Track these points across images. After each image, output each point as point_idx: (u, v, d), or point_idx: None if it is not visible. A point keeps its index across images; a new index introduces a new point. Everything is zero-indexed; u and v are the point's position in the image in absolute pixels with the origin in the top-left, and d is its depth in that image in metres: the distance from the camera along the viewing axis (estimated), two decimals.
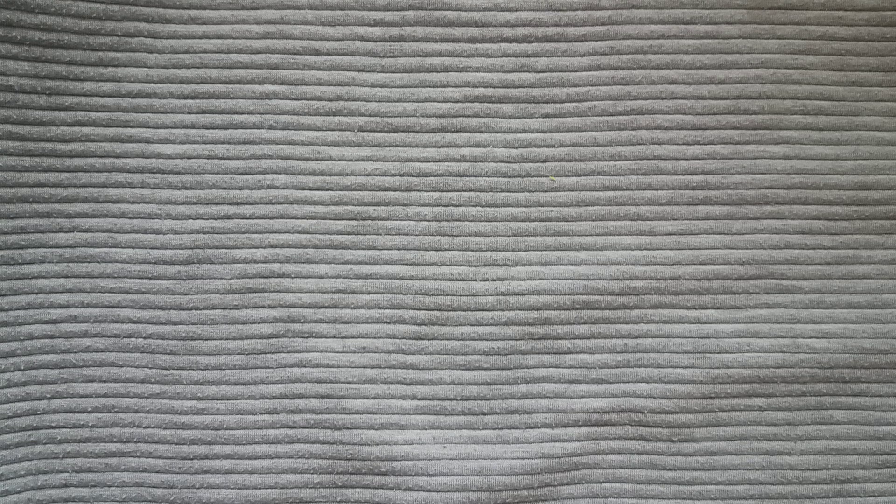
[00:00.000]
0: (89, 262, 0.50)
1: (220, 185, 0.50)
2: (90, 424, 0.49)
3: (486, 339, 0.50)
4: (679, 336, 0.50)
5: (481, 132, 0.50)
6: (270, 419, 0.50)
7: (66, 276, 0.50)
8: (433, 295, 0.50)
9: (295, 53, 0.50)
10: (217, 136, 0.50)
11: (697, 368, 0.50)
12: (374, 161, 0.50)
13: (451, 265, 0.51)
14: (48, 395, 0.49)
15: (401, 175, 0.50)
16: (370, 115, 0.50)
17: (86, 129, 0.50)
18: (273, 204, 0.50)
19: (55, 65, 0.49)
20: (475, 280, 0.50)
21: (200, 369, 0.50)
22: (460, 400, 0.50)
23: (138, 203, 0.50)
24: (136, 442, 0.50)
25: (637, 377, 0.50)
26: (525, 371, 0.50)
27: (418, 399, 0.50)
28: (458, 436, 0.50)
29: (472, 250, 0.51)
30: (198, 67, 0.50)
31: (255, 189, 0.50)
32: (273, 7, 0.50)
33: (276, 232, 0.50)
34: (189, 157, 0.50)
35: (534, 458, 0.50)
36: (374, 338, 0.50)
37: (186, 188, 0.50)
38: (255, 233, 0.50)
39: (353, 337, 0.50)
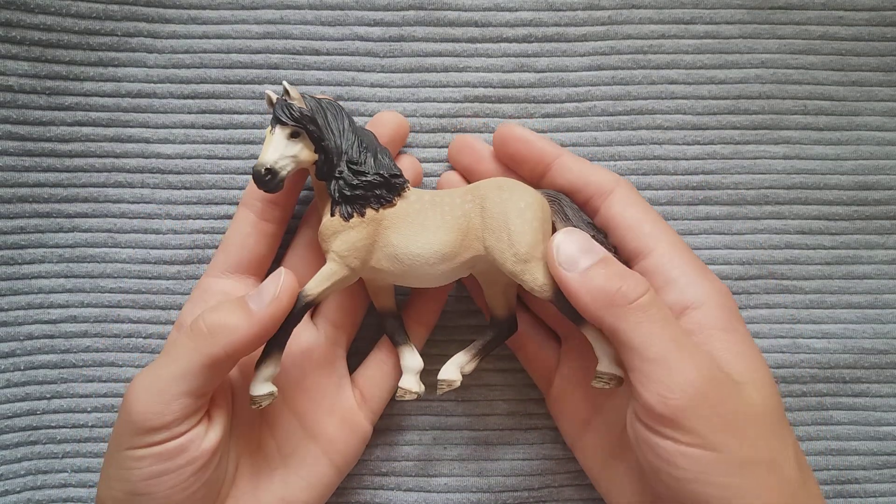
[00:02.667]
0: (89, 262, 0.50)
1: (220, 185, 0.50)
2: (90, 424, 0.49)
3: None
4: None
5: (481, 132, 0.50)
6: None
7: (66, 276, 0.50)
8: None
9: (295, 53, 0.50)
10: (217, 136, 0.50)
11: None
12: None
13: None
14: (48, 395, 0.49)
15: None
16: (370, 115, 0.50)
17: (86, 129, 0.50)
18: None
19: (55, 65, 0.49)
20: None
21: None
22: (461, 401, 0.50)
23: (138, 203, 0.50)
24: None
25: None
26: (526, 371, 0.50)
27: (418, 398, 0.50)
28: (458, 436, 0.50)
29: None
30: (198, 67, 0.50)
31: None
32: (273, 7, 0.50)
33: None
34: (189, 157, 0.50)
35: (534, 459, 0.50)
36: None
37: (186, 188, 0.50)
38: None
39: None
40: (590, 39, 0.50)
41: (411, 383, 0.44)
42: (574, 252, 0.38)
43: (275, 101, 0.41)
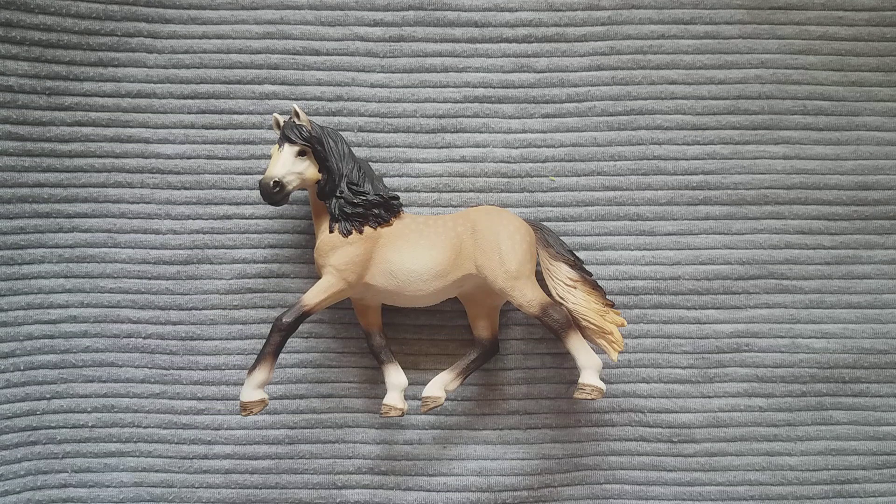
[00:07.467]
0: (89, 262, 0.50)
1: (220, 185, 0.50)
2: (90, 424, 0.49)
3: None
4: (679, 336, 0.50)
5: (481, 132, 0.50)
6: (270, 419, 0.50)
7: (66, 276, 0.50)
8: None
9: (295, 53, 0.50)
10: (217, 136, 0.50)
11: (697, 368, 0.50)
12: (374, 161, 0.50)
13: None
14: (48, 395, 0.49)
15: (400, 175, 0.50)
16: (370, 115, 0.50)
17: (86, 129, 0.50)
18: None
19: (55, 65, 0.49)
20: None
21: (200, 369, 0.50)
22: (461, 400, 0.50)
23: (138, 203, 0.50)
24: (135, 442, 0.50)
25: (637, 377, 0.50)
26: (526, 371, 0.50)
27: (419, 399, 0.50)
28: (458, 436, 0.50)
29: None
30: (198, 67, 0.50)
31: (254, 189, 0.50)
32: (273, 7, 0.50)
33: (275, 232, 0.50)
34: (189, 157, 0.50)
35: (534, 459, 0.50)
36: None
37: (186, 188, 0.50)
38: (255, 233, 0.50)
39: (353, 338, 0.50)
40: (590, 39, 0.50)
41: (395, 400, 0.46)
42: None
43: (282, 123, 0.44)
